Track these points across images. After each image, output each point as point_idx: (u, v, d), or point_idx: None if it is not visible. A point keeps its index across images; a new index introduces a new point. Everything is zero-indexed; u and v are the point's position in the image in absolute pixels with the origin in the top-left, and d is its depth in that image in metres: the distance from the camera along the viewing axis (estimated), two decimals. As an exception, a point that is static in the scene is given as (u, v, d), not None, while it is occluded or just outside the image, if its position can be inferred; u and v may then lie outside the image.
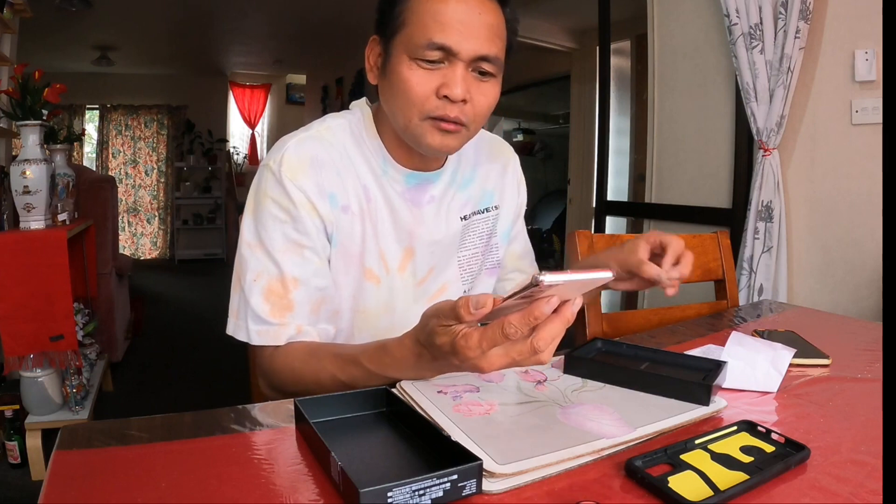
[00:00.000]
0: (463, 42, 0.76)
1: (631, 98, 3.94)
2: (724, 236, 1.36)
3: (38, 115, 2.08)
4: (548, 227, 6.40)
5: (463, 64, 0.78)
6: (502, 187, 1.03)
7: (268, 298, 0.82)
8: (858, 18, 1.87)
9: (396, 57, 0.79)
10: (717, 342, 0.88)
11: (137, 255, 7.39)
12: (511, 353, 0.57)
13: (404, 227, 0.90)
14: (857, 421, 0.66)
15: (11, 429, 2.10)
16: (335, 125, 0.89)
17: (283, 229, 0.82)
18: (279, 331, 0.82)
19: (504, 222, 1.04)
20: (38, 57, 5.19)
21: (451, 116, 0.79)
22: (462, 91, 0.77)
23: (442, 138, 0.81)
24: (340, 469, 0.47)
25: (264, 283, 0.82)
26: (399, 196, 0.90)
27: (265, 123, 8.35)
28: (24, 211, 2.05)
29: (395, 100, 0.81)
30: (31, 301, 2.00)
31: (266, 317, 0.82)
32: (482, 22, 0.77)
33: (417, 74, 0.78)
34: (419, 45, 0.77)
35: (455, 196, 0.96)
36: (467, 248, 0.98)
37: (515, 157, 1.09)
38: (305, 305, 0.83)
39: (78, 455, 0.55)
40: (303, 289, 0.83)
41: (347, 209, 0.86)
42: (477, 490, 0.49)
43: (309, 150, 0.84)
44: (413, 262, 0.92)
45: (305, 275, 0.83)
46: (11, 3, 2.68)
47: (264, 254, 0.82)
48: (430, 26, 0.76)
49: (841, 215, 1.96)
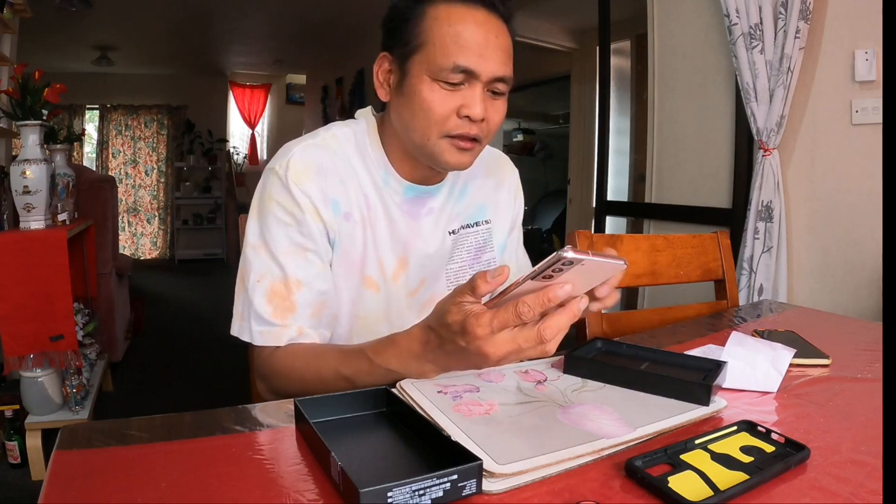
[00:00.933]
0: (483, 65, 0.80)
1: (631, 98, 3.94)
2: (724, 236, 1.36)
3: (38, 115, 2.08)
4: (548, 227, 6.39)
5: (481, 85, 0.81)
6: (496, 202, 1.04)
7: (271, 300, 0.83)
8: (858, 18, 1.87)
9: (416, 77, 0.81)
10: (717, 342, 0.88)
11: (137, 255, 7.39)
12: (518, 339, 0.59)
13: (400, 238, 0.91)
14: (857, 421, 0.66)
15: (11, 429, 2.10)
16: (340, 134, 0.90)
17: (288, 232, 0.84)
18: (281, 332, 0.83)
19: (499, 237, 1.05)
20: (38, 57, 5.19)
21: (472, 134, 0.82)
22: (482, 111, 0.81)
23: (459, 156, 0.84)
24: (340, 469, 0.47)
25: (267, 285, 0.83)
26: (397, 207, 0.91)
27: (265, 123, 8.36)
28: (24, 211, 2.05)
29: (413, 118, 0.83)
30: (31, 301, 2.00)
31: (269, 318, 0.83)
32: (499, 45, 0.81)
33: (440, 95, 0.81)
34: (443, 68, 0.79)
35: (452, 209, 0.97)
36: (455, 262, 0.98)
37: (514, 172, 1.10)
38: (308, 308, 0.84)
39: (78, 455, 0.55)
40: (305, 291, 0.84)
41: (350, 216, 0.87)
42: (477, 490, 0.49)
43: (314, 157, 0.85)
44: (406, 273, 0.93)
45: (308, 277, 0.84)
46: (11, 3, 2.68)
47: (268, 255, 0.84)
48: (451, 49, 0.79)
49: (841, 215, 1.96)
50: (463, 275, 0.99)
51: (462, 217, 0.99)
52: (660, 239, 1.31)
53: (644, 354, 0.83)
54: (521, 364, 0.81)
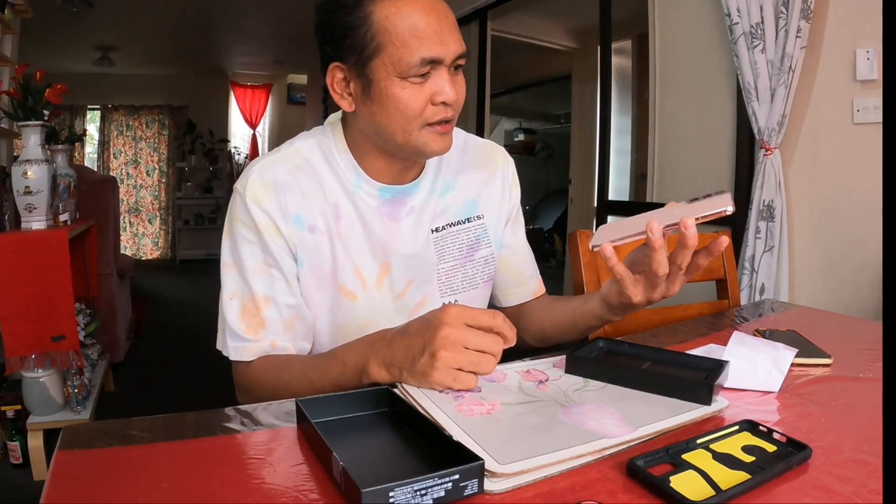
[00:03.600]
0: (444, 49, 0.80)
1: (632, 97, 3.94)
2: (725, 235, 1.35)
3: (40, 115, 2.09)
4: (549, 226, 6.40)
5: (446, 68, 0.81)
6: (488, 195, 1.01)
7: (243, 317, 0.86)
8: (859, 18, 1.87)
9: (383, 80, 0.80)
10: (718, 342, 0.88)
11: (139, 255, 7.40)
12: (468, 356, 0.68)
13: (378, 242, 0.90)
14: (858, 420, 0.66)
15: (13, 429, 2.11)
16: (303, 147, 0.90)
17: (252, 250, 0.86)
18: (253, 346, 0.86)
19: (495, 231, 1.02)
20: (39, 57, 5.19)
21: (448, 117, 0.83)
22: (453, 93, 0.81)
23: (442, 140, 0.84)
24: (342, 469, 0.47)
25: (238, 303, 0.87)
26: (373, 211, 0.90)
27: (266, 123, 8.35)
28: (26, 211, 2.06)
29: (390, 120, 0.82)
30: (32, 301, 2.01)
31: (242, 333, 0.86)
32: (450, 23, 0.81)
33: (411, 91, 0.80)
34: (410, 65, 0.78)
35: (436, 206, 0.95)
36: (446, 261, 0.96)
37: (507, 161, 1.06)
38: (278, 323, 0.87)
39: (80, 455, 0.55)
40: (273, 307, 0.86)
41: (315, 229, 0.87)
42: (479, 490, 0.49)
43: (272, 174, 0.86)
44: (389, 276, 0.92)
45: (273, 293, 0.86)
46: (12, 3, 2.68)
47: (238, 273, 0.87)
48: (413, 44, 0.78)
49: (842, 214, 1.96)
50: (454, 274, 0.97)
51: (448, 214, 0.96)
52: (661, 238, 1.30)
53: (646, 354, 0.83)
54: (522, 363, 0.81)
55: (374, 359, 0.72)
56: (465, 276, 0.98)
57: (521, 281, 1.07)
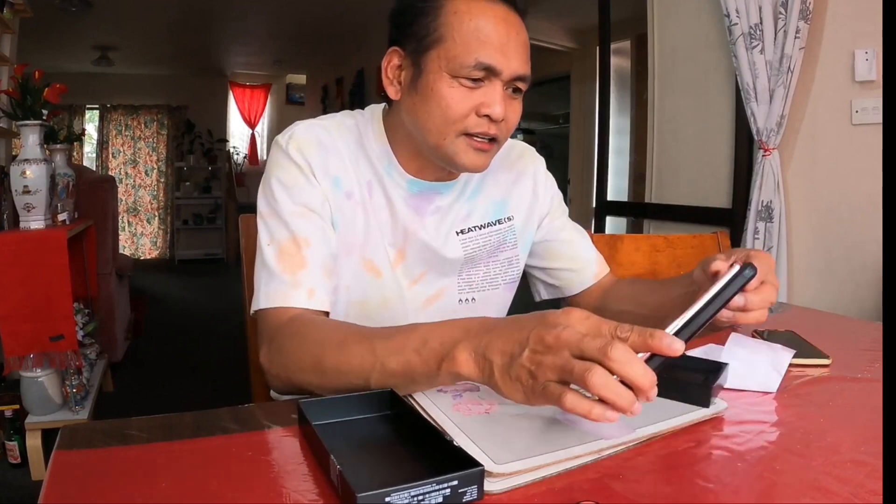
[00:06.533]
0: (505, 62, 0.77)
1: (631, 98, 3.95)
2: (723, 236, 1.36)
3: (38, 115, 2.08)
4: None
5: (502, 83, 0.79)
6: (518, 197, 0.99)
7: (280, 259, 0.80)
8: (858, 18, 1.87)
9: (434, 74, 0.78)
10: (716, 342, 0.88)
11: (137, 255, 7.40)
12: None
13: (400, 228, 0.89)
14: (857, 421, 0.66)
15: (11, 429, 2.11)
16: (344, 123, 0.89)
17: (291, 194, 0.82)
18: (289, 290, 0.78)
19: (524, 233, 1.00)
20: (38, 57, 5.19)
21: (491, 134, 0.80)
22: (502, 110, 0.78)
23: (476, 156, 0.81)
24: (339, 472, 0.47)
25: (276, 248, 0.81)
26: (401, 199, 0.89)
27: (265, 123, 8.36)
28: (24, 211, 2.05)
29: (429, 116, 0.80)
30: (31, 301, 2.00)
31: (279, 273, 0.79)
32: (520, 42, 0.80)
33: (459, 93, 0.78)
34: (464, 65, 0.76)
35: (462, 207, 0.94)
36: (469, 264, 0.94)
37: (536, 161, 1.04)
38: (318, 266, 0.81)
39: (78, 455, 0.55)
40: (314, 247, 0.81)
41: (351, 195, 0.86)
42: (478, 496, 0.49)
43: (317, 134, 0.85)
44: (404, 262, 0.91)
45: (315, 236, 0.82)
46: (11, 3, 2.68)
47: (276, 219, 0.83)
48: (473, 45, 0.76)
49: (841, 215, 1.96)
50: (475, 272, 0.96)
51: (474, 217, 0.94)
52: (660, 239, 1.31)
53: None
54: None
55: (467, 343, 0.58)
56: (486, 274, 0.97)
57: (579, 267, 1.04)
